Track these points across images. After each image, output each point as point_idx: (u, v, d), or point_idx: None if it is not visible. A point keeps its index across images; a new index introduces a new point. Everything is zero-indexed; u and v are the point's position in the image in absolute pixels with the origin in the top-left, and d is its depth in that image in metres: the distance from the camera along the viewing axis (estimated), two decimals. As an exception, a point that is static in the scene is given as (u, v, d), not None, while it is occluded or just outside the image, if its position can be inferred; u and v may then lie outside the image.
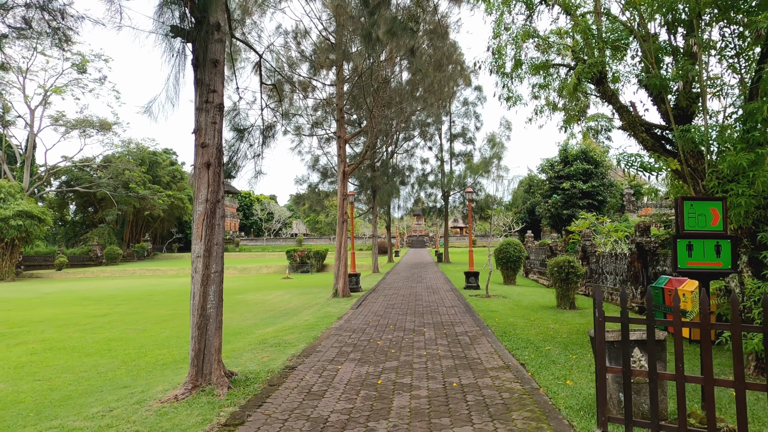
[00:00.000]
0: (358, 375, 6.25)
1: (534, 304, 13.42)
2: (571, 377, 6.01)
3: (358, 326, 10.08)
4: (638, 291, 12.12)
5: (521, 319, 10.72)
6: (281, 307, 18.30)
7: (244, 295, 23.97)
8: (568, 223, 29.62)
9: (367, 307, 13.19)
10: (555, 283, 12.62)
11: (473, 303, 13.47)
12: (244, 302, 20.33)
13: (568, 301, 12.35)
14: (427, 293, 16.29)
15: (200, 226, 5.79)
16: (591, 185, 28.48)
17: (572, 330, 9.35)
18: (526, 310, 12.07)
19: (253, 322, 14.21)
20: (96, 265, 58.90)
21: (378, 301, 14.49)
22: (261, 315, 16.07)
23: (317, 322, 10.88)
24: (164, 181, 73.74)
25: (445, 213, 39.34)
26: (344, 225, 15.64)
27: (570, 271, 12.19)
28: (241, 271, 46.91)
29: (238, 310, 17.65)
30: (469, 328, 9.63)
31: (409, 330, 9.52)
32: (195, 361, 5.63)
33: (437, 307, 12.74)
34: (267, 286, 29.61)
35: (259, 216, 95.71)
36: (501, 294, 15.78)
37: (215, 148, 5.89)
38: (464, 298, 14.81)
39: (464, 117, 39.21)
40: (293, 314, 15.51)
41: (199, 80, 5.94)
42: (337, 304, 13.97)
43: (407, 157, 36.84)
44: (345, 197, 15.63)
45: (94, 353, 9.78)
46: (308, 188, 28.24)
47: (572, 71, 9.26)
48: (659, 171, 6.48)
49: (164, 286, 31.21)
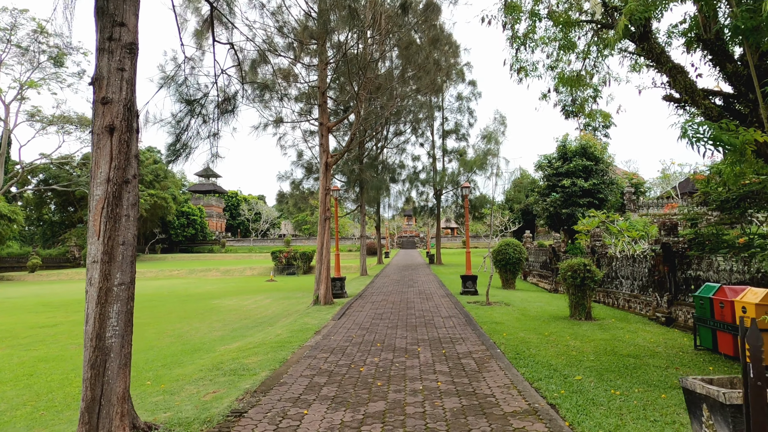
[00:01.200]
0: (329, 427, 4.48)
1: (543, 313, 11.73)
2: (627, 429, 4.29)
3: (337, 344, 8.30)
4: (663, 299, 10.49)
5: (533, 333, 9.01)
6: (258, 314, 16.46)
7: (221, 300, 22.06)
8: (567, 222, 28.10)
9: (351, 317, 11.41)
10: (568, 290, 10.94)
11: (473, 312, 11.75)
12: (218, 309, 18.45)
13: (583, 311, 10.68)
14: (419, 300, 14.55)
15: (98, 217, 3.98)
16: (592, 183, 26.95)
17: (598, 349, 7.66)
18: (536, 322, 10.37)
19: (221, 334, 12.36)
20: (73, 267, 56.46)
21: (364, 309, 12.71)
22: (233, 324, 14.22)
23: (290, 338, 9.09)
24: (147, 180, 71.30)
25: (437, 212, 37.66)
26: (327, 223, 13.86)
27: (586, 276, 10.52)
28: (224, 273, 44.88)
29: (209, 318, 15.78)
30: (474, 346, 7.89)
31: (400, 350, 7.76)
32: (86, 417, 3.83)
33: (432, 318, 11.00)
34: (248, 290, 27.70)
35: (247, 216, 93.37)
36: (502, 300, 14.09)
37: (122, 105, 4.09)
38: (462, 305, 13.09)
39: (457, 112, 37.63)
40: (269, 324, 13.70)
41: (101, 8, 4.13)
42: (317, 314, 12.18)
43: (398, 153, 35.16)
44: (328, 192, 13.84)
45: (8, 380, 7.89)
46: (292, 185, 26.41)
47: (601, 29, 7.59)
48: (739, 145, 4.77)
49: (139, 290, 29.09)
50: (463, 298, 14.99)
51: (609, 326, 9.77)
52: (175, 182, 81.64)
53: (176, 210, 76.17)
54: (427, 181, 36.02)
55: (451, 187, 36.36)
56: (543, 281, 21.26)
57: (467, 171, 34.18)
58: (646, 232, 13.55)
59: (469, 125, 37.30)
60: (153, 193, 67.47)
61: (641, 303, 11.74)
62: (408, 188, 35.94)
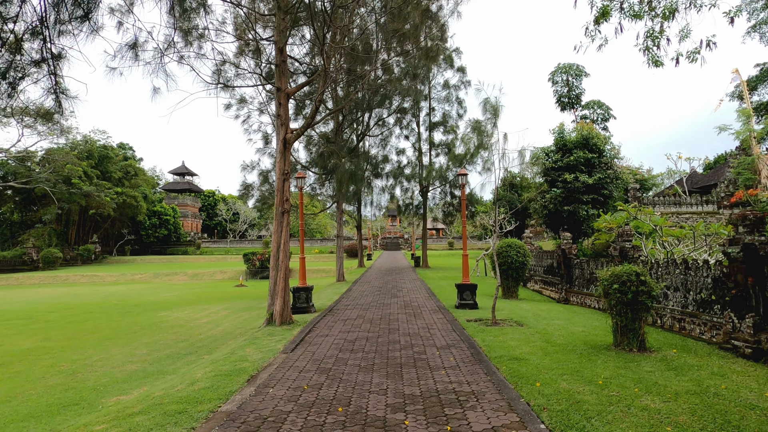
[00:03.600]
0: None
1: (572, 339, 8.67)
2: None
3: (273, 409, 5.10)
4: (745, 322, 7.51)
5: (579, 381, 5.91)
6: (202, 333, 13.14)
7: (170, 311, 18.63)
8: (569, 221, 25.24)
9: (311, 347, 8.20)
10: (612, 309, 7.89)
11: (479, 338, 8.63)
12: (159, 324, 15.06)
13: (635, 339, 7.64)
14: (405, 317, 11.39)
15: None
16: (597, 177, 24.12)
17: (702, 417, 4.61)
18: (572, 356, 7.29)
19: (134, 369, 9.06)
20: (30, 270, 52.08)
21: (332, 333, 9.51)
22: (163, 350, 10.90)
23: (206, 390, 5.86)
24: (115, 178, 67.04)
25: (424, 211, 34.58)
26: (285, 218, 10.60)
27: (640, 291, 7.49)
28: (192, 277, 41.20)
29: (138, 339, 12.41)
30: (496, 414, 4.77)
31: (376, 421, 4.61)
32: None
33: (424, 349, 7.86)
34: (209, 298, 24.26)
35: (224, 216, 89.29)
36: (511, 317, 11.01)
37: None
38: (462, 326, 9.97)
39: (445, 102, 34.62)
40: (207, 350, 10.42)
41: None
42: (265, 340, 8.93)
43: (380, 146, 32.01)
44: (286, 177, 10.60)
45: None
46: (260, 176, 23.04)
47: None
48: None
49: (84, 298, 25.49)
50: (461, 313, 11.87)
51: (679, 364, 6.73)
52: (147, 180, 77.29)
53: (147, 209, 71.90)
54: (413, 176, 32.92)
55: (438, 183, 33.36)
56: (548, 288, 18.29)
57: (456, 165, 31.19)
58: (693, 229, 10.64)
59: (458, 116, 34.34)
60: (120, 191, 63.25)
61: (703, 324, 8.76)
62: (392, 184, 32.82)
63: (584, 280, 14.83)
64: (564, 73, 42.40)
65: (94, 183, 59.63)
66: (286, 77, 10.95)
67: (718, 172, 39.12)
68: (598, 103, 41.66)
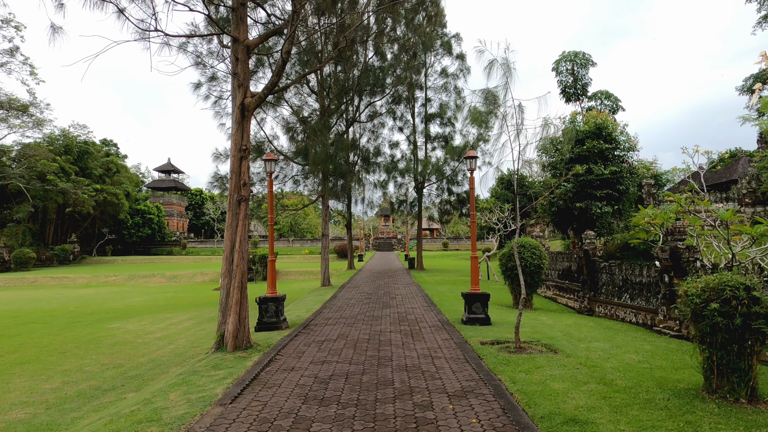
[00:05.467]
0: None
1: (638, 377, 6.13)
2: None
3: None
4: None
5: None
6: (145, 355, 10.51)
7: (126, 321, 15.97)
8: (581, 219, 22.82)
9: (263, 393, 5.63)
10: (703, 338, 5.37)
11: (507, 376, 6.08)
12: (100, 341, 12.40)
13: (743, 384, 5.14)
14: (401, 337, 8.84)
15: None
16: (612, 170, 21.71)
17: None
18: (654, 412, 4.76)
19: (14, 418, 6.44)
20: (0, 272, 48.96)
21: (299, 366, 6.94)
22: (80, 383, 8.27)
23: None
24: (96, 174, 63.90)
25: (419, 208, 32.03)
26: (243, 208, 8.01)
27: (753, 312, 5.00)
28: (170, 279, 38.40)
29: (60, 365, 9.77)
30: None
31: None
32: None
33: (429, 399, 5.31)
34: (179, 304, 21.58)
35: (212, 216, 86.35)
36: (536, 338, 8.49)
37: None
38: (475, 352, 7.44)
39: (442, 92, 32.13)
40: (138, 383, 7.82)
41: None
42: (204, 378, 6.34)
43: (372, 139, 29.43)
44: (244, 153, 8.01)
45: None
46: (235, 169, 20.31)
47: None
48: None
49: (40, 304, 22.71)
50: (471, 331, 9.32)
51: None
52: (130, 177, 74.16)
53: (130, 208, 68.80)
54: (407, 171, 30.36)
55: (435, 178, 30.83)
56: (564, 296, 15.81)
57: (454, 158, 28.70)
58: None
59: (456, 107, 31.83)
60: (99, 188, 60.12)
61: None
62: (385, 179, 30.20)
63: (614, 288, 12.37)
64: (569, 62, 39.82)
65: (71, 179, 56.55)
66: (245, 25, 8.36)
67: (731, 168, 36.99)
68: (606, 94, 39.21)
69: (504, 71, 7.85)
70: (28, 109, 54.99)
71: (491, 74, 7.62)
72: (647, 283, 10.75)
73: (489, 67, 7.54)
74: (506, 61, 7.67)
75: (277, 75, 7.89)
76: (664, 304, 9.61)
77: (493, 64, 7.55)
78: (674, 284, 9.17)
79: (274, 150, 19.75)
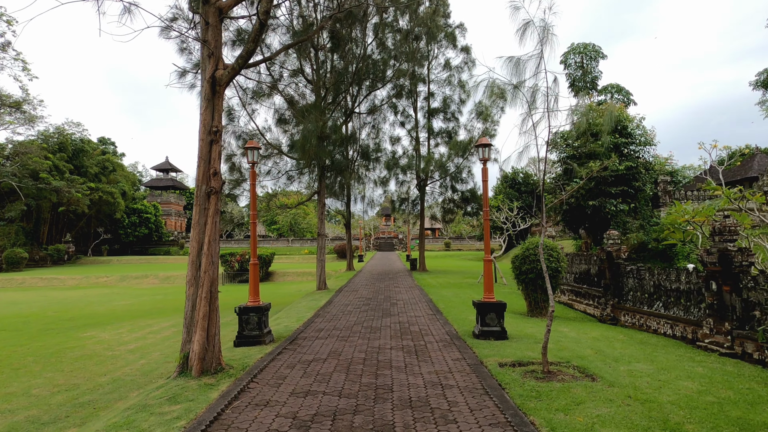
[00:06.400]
0: None
1: (711, 418, 4.75)
2: None
3: None
4: None
5: None
6: (108, 373, 9.16)
7: (102, 329, 14.63)
8: (593, 218, 21.42)
9: (225, 441, 4.27)
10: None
11: (543, 418, 4.70)
12: (65, 353, 11.05)
13: None
14: (403, 356, 7.46)
15: None
16: (628, 166, 20.31)
17: None
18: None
19: None
20: (-11, 272, 47.67)
21: (276, 399, 5.58)
22: (18, 412, 6.92)
23: None
24: (92, 173, 62.65)
25: (421, 206, 30.60)
26: (213, 202, 6.65)
27: None
28: (163, 281, 37.09)
29: (7, 386, 8.41)
30: None
31: None
32: None
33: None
34: (165, 308, 20.25)
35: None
36: (565, 357, 7.12)
37: None
38: (495, 379, 6.07)
39: (446, 85, 30.72)
40: (87, 413, 6.47)
41: None
42: (154, 417, 4.97)
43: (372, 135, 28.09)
44: (215, 136, 6.66)
45: None
46: (227, 161, 19.08)
47: None
48: None
49: (20, 307, 21.41)
50: (486, 348, 7.92)
51: None
52: (127, 176, 72.84)
53: (126, 207, 67.48)
54: (409, 167, 28.96)
55: (438, 175, 29.44)
56: (582, 301, 14.42)
57: (459, 154, 27.31)
58: None
59: (460, 101, 30.44)
60: (94, 186, 58.81)
61: None
62: (386, 176, 28.80)
63: (643, 294, 10.97)
64: (579, 54, 38.27)
65: (66, 177, 55.26)
66: (218, -17, 6.99)
67: (746, 165, 35.60)
68: (617, 88, 37.57)
69: (541, 37, 6.46)
70: (21, 106, 53.73)
71: (524, 39, 6.24)
72: (686, 290, 9.36)
73: (522, 29, 6.13)
74: (544, 24, 6.27)
75: (253, 41, 6.51)
76: (710, 315, 8.22)
77: (528, 26, 6.14)
78: (726, 293, 7.78)
79: (267, 143, 18.40)
